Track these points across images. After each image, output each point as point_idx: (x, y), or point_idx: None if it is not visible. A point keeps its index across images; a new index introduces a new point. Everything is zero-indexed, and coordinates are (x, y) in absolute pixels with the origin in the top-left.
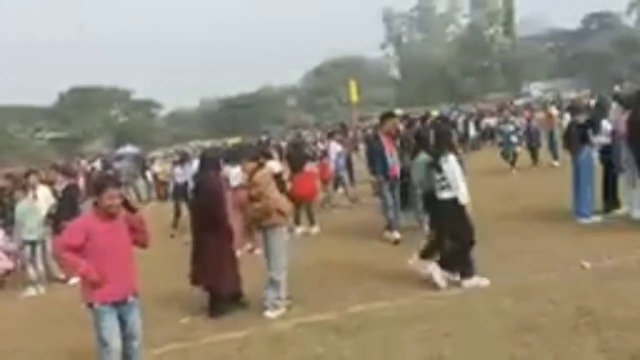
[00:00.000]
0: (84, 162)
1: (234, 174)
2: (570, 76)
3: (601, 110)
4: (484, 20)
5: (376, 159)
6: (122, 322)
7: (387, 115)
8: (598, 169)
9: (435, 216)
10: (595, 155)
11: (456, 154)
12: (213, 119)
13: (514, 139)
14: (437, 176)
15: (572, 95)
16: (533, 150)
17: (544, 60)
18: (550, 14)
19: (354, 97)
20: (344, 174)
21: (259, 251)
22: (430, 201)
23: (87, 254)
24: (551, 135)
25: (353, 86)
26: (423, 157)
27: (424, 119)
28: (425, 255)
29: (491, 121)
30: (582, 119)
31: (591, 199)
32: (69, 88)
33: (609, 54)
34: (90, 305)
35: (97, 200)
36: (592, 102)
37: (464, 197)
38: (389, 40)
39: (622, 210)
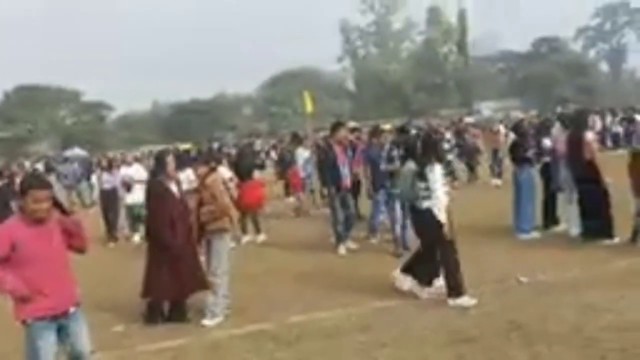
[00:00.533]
0: (28, 163)
1: (180, 178)
2: (519, 97)
3: (545, 129)
4: (438, 38)
5: (328, 168)
6: (65, 337)
7: (339, 125)
8: (539, 185)
9: (417, 226)
10: (536, 172)
11: (442, 164)
12: (165, 124)
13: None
14: (422, 185)
15: (520, 115)
16: (471, 168)
17: (495, 80)
18: (502, 36)
19: (309, 108)
20: (308, 181)
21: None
22: (414, 211)
23: (16, 264)
24: (495, 153)
25: (307, 97)
26: (410, 165)
27: (372, 133)
28: (407, 269)
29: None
30: (525, 139)
31: (532, 216)
32: (15, 86)
33: (556, 77)
34: (24, 322)
35: (22, 204)
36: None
37: (439, 210)
38: (345, 53)
39: (560, 227)
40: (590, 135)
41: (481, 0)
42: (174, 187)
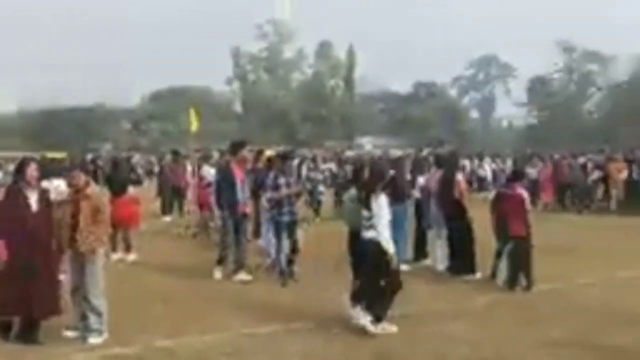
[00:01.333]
0: None
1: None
2: (397, 135)
3: (419, 167)
4: (326, 72)
5: (225, 190)
6: None
7: (240, 144)
8: (411, 220)
9: (357, 255)
10: (409, 207)
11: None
12: (34, 130)
13: (321, 188)
14: (365, 214)
15: (398, 152)
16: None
17: (376, 118)
18: (385, 76)
19: (194, 126)
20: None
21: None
22: (355, 239)
23: None
24: None
25: (192, 114)
26: (353, 192)
27: (256, 158)
28: (355, 297)
29: (329, 166)
30: (402, 175)
31: (402, 249)
32: None
33: (433, 120)
34: None
35: None
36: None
37: (387, 242)
38: (235, 77)
39: (429, 261)
40: (460, 176)
41: (370, 40)
42: (33, 196)
